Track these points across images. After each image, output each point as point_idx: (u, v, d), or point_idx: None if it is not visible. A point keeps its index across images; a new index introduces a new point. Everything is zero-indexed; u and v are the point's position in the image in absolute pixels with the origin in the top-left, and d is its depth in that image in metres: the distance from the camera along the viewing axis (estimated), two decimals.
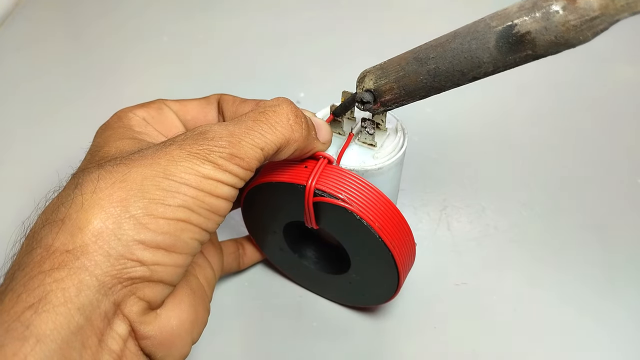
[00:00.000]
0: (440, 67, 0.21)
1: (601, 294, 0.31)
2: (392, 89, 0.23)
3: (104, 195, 0.19)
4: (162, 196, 0.19)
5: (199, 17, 0.55)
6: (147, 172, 0.20)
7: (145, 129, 0.25)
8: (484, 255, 0.33)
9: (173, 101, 0.27)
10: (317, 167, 0.24)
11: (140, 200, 0.19)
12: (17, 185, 0.38)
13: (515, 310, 0.30)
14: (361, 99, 0.24)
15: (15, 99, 0.46)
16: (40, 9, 0.57)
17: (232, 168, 0.21)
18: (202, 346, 0.29)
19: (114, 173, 0.20)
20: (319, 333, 0.30)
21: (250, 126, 0.22)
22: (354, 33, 0.52)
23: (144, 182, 0.19)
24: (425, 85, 0.22)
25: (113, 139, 0.23)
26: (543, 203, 0.36)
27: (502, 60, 0.20)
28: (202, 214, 0.21)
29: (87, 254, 0.18)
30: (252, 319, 0.30)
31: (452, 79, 0.22)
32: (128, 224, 0.19)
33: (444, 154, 0.39)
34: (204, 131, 0.21)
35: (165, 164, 0.20)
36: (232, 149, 0.21)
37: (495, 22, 0.20)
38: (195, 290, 0.24)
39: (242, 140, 0.21)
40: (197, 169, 0.20)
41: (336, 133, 0.27)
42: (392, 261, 0.24)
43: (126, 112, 0.25)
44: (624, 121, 0.42)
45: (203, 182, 0.20)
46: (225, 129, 0.21)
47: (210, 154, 0.20)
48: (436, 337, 0.29)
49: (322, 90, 0.32)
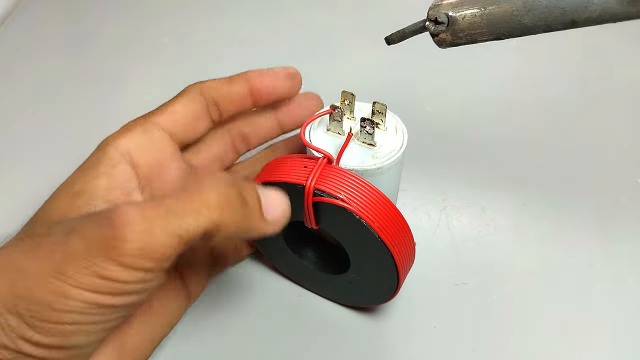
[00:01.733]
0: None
1: (602, 293, 0.31)
2: (474, 17, 0.21)
3: (1, 289, 0.18)
4: (50, 300, 0.18)
5: (199, 17, 0.55)
6: (41, 269, 0.18)
7: (112, 170, 0.23)
8: (484, 255, 0.33)
9: (159, 114, 0.25)
10: (316, 167, 0.24)
11: (28, 301, 0.18)
12: (16, 185, 0.38)
13: (515, 310, 0.30)
14: (436, 18, 0.22)
15: (15, 99, 0.46)
16: (40, 9, 0.57)
17: (142, 264, 0.18)
18: (200, 346, 0.29)
19: (11, 263, 0.19)
20: (318, 333, 0.30)
21: (169, 207, 0.19)
22: (354, 33, 0.52)
23: (35, 282, 0.18)
24: (515, 20, 0.20)
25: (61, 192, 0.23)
26: (543, 203, 0.36)
27: (613, 5, 0.18)
28: (98, 314, 0.19)
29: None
30: (251, 319, 0.30)
31: (548, 17, 0.20)
32: (14, 321, 0.18)
33: (444, 154, 0.39)
34: (115, 217, 0.18)
35: (60, 258, 0.18)
36: (142, 242, 0.18)
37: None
38: (127, 349, 0.23)
39: (156, 226, 0.18)
40: (94, 270, 0.18)
41: (335, 133, 0.27)
42: (391, 261, 0.24)
43: (107, 142, 0.24)
44: (624, 121, 0.42)
45: (99, 284, 0.18)
46: (139, 212, 0.18)
47: (114, 250, 0.18)
48: (436, 337, 0.29)
49: (322, 90, 0.32)
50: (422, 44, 0.48)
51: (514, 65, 0.47)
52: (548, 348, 0.29)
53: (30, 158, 0.41)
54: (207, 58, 0.50)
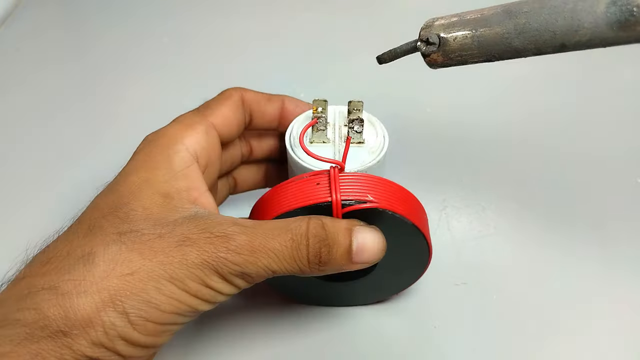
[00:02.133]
0: (532, 22, 0.20)
1: (602, 293, 0.31)
2: (465, 39, 0.21)
3: (109, 286, 0.19)
4: (159, 301, 0.20)
5: (199, 17, 0.55)
6: (156, 271, 0.20)
7: (187, 170, 0.24)
8: (484, 255, 0.33)
9: (213, 115, 0.26)
10: (332, 180, 0.23)
11: (138, 301, 0.19)
12: (16, 185, 0.38)
13: (515, 310, 0.30)
14: (427, 39, 0.22)
15: (15, 99, 0.46)
16: (40, 9, 0.57)
17: (239, 282, 0.21)
18: (199, 346, 0.29)
19: (127, 262, 0.20)
20: (317, 333, 0.30)
21: (274, 249, 0.21)
22: (355, 33, 0.52)
23: (149, 282, 0.20)
24: (505, 43, 0.21)
25: (145, 190, 0.23)
26: (543, 203, 0.36)
27: (602, 31, 0.19)
28: (189, 316, 0.21)
29: (74, 337, 0.19)
30: (251, 319, 0.30)
31: (538, 40, 0.20)
32: (120, 320, 0.19)
33: (443, 154, 0.39)
34: (227, 237, 0.21)
35: (177, 265, 0.20)
36: (246, 267, 0.21)
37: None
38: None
39: (259, 259, 0.21)
40: (204, 279, 0.20)
41: (320, 142, 0.27)
42: (423, 239, 0.25)
43: (175, 140, 0.24)
44: (624, 121, 0.42)
45: (203, 292, 0.21)
46: (249, 242, 0.21)
47: (223, 268, 0.20)
48: (436, 337, 0.29)
49: (323, 90, 0.32)
50: None
51: (515, 66, 0.47)
52: (548, 348, 0.29)
53: (30, 158, 0.41)
54: (206, 58, 0.50)
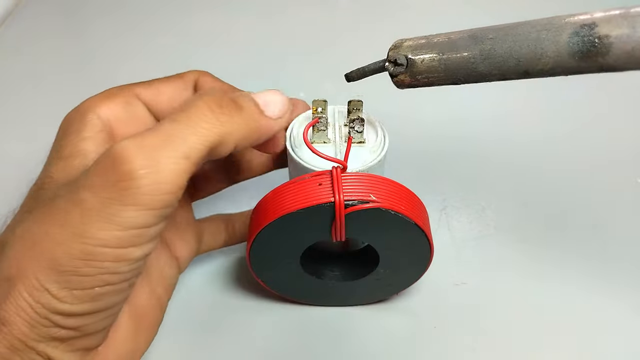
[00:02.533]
0: (497, 49, 0.20)
1: (602, 293, 0.31)
2: (432, 62, 0.22)
3: (22, 266, 0.18)
4: (75, 266, 0.17)
5: (199, 17, 0.55)
6: (60, 236, 0.17)
7: (96, 134, 0.22)
8: (484, 255, 0.33)
9: (144, 87, 0.24)
10: (335, 180, 0.23)
11: (53, 274, 0.18)
12: (16, 185, 0.38)
13: (515, 310, 0.30)
14: (395, 60, 0.23)
15: (15, 99, 0.46)
16: (40, 9, 0.57)
17: (157, 201, 0.17)
18: (199, 348, 0.29)
19: (30, 235, 0.18)
20: (317, 333, 0.30)
21: (168, 132, 0.18)
22: (354, 33, 0.52)
23: (57, 250, 0.17)
24: (471, 67, 0.21)
25: (54, 157, 0.22)
26: (543, 203, 0.36)
27: (565, 60, 0.19)
28: (125, 270, 0.18)
29: (12, 324, 0.18)
30: (250, 320, 0.30)
31: (503, 67, 0.20)
32: (44, 297, 0.18)
33: (444, 154, 0.39)
34: (115, 156, 0.17)
35: (79, 220, 0.17)
36: (152, 175, 0.17)
37: (574, 19, 0.19)
38: (142, 315, 0.23)
39: (161, 156, 0.17)
40: (115, 221, 0.17)
41: (321, 142, 0.27)
42: (425, 239, 0.25)
43: (87, 110, 0.23)
44: (624, 121, 0.42)
45: (124, 237, 0.17)
46: (138, 145, 0.17)
47: (127, 193, 0.17)
48: (436, 337, 0.29)
49: (323, 90, 0.32)
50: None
51: None
52: (547, 348, 0.29)
53: (30, 157, 0.40)
54: (206, 57, 0.50)
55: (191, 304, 0.30)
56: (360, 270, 0.29)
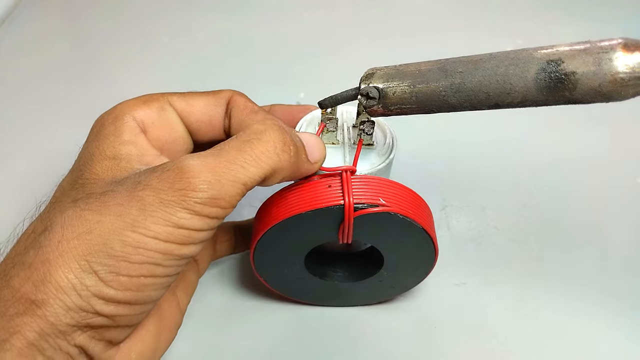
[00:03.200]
0: (467, 83, 0.21)
1: (601, 293, 0.31)
2: (404, 93, 0.22)
3: (68, 248, 0.19)
4: (127, 253, 0.19)
5: (199, 17, 0.55)
6: (115, 224, 0.19)
7: (136, 137, 0.23)
8: (484, 255, 0.33)
9: (178, 97, 0.26)
10: (345, 182, 0.23)
11: (104, 257, 0.19)
12: (15, 184, 0.38)
13: (515, 310, 0.30)
14: (367, 93, 0.23)
15: (15, 99, 0.46)
16: (40, 9, 0.57)
17: (211, 211, 0.20)
18: (201, 348, 0.29)
19: (82, 220, 0.19)
20: (317, 333, 0.30)
21: (233, 158, 0.20)
22: (354, 33, 0.52)
23: (111, 236, 0.19)
24: (442, 99, 0.21)
25: (96, 156, 0.22)
26: (543, 203, 0.36)
27: (533, 94, 0.20)
28: (170, 265, 0.20)
29: (48, 306, 0.18)
30: (252, 319, 0.30)
31: (473, 100, 0.21)
32: (90, 280, 0.18)
33: (444, 154, 0.39)
34: (181, 169, 0.19)
35: (136, 213, 0.19)
36: (211, 190, 0.19)
37: (540, 54, 0.19)
38: (164, 316, 0.24)
39: (223, 177, 0.20)
40: (169, 219, 0.19)
41: (329, 144, 0.27)
42: (430, 242, 0.25)
43: (123, 113, 0.24)
44: (624, 121, 0.42)
45: (174, 234, 0.19)
46: (204, 164, 0.20)
47: (186, 200, 0.19)
48: (436, 337, 0.29)
49: (322, 90, 0.32)
50: (423, 44, 0.48)
51: None
52: (547, 348, 0.29)
53: (30, 157, 0.41)
54: (207, 57, 0.50)
55: (194, 304, 0.30)
56: (364, 271, 0.29)
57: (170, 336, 0.24)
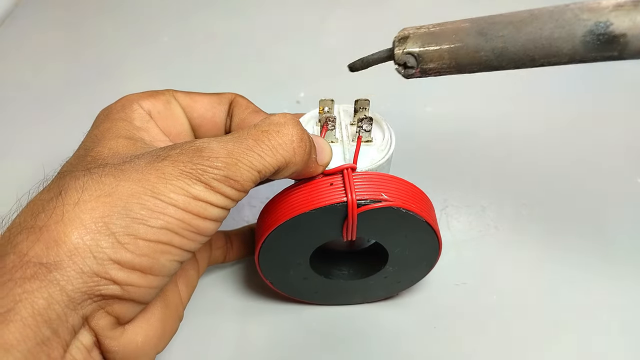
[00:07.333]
0: (510, 48, 0.20)
1: (602, 293, 0.31)
2: (442, 58, 0.22)
3: (86, 209, 0.18)
4: (145, 216, 0.19)
5: (199, 17, 0.55)
6: (134, 188, 0.19)
7: (147, 124, 0.24)
8: (484, 255, 0.33)
9: (183, 94, 0.26)
10: (347, 180, 0.23)
11: (122, 219, 0.19)
12: (16, 184, 0.38)
13: (515, 310, 0.30)
14: (405, 63, 0.22)
15: (15, 99, 0.46)
16: (40, 9, 0.57)
17: (225, 190, 0.20)
18: (203, 348, 0.29)
19: (100, 185, 0.19)
20: (317, 334, 0.30)
21: (251, 146, 0.21)
22: (354, 32, 0.52)
23: (130, 200, 0.19)
24: (483, 62, 0.21)
25: (109, 135, 0.23)
26: (543, 203, 0.36)
27: (582, 55, 0.19)
28: (186, 236, 0.20)
29: (60, 269, 0.17)
30: (254, 318, 0.30)
31: (518, 62, 0.20)
32: (106, 242, 0.18)
33: (444, 154, 0.39)
34: (201, 148, 0.20)
35: (155, 180, 0.19)
36: (227, 170, 0.20)
37: (586, 15, 0.19)
38: (169, 303, 0.24)
39: (239, 161, 0.20)
40: (187, 189, 0.19)
41: (328, 142, 0.27)
42: (434, 235, 0.25)
43: (131, 101, 0.25)
44: (624, 120, 0.42)
45: (191, 204, 0.20)
46: (223, 147, 0.20)
47: (203, 174, 0.20)
48: (436, 337, 0.29)
49: (322, 91, 0.32)
50: None
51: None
52: (547, 348, 0.29)
53: (30, 157, 0.41)
54: (207, 57, 0.50)
55: (197, 305, 0.30)
56: (369, 268, 0.29)
57: (174, 326, 0.25)
